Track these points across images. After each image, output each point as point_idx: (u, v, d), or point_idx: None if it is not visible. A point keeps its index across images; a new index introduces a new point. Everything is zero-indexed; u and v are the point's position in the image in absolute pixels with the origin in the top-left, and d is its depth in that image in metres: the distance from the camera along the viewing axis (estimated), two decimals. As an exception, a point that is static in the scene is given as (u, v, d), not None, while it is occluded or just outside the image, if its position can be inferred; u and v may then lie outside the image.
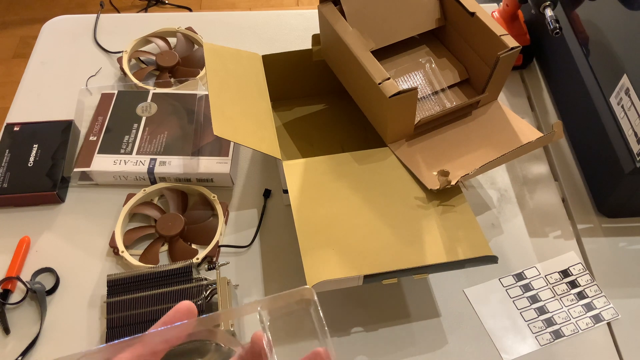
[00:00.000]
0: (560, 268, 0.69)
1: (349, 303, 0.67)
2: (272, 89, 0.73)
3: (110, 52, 0.93)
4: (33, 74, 0.91)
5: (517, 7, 0.85)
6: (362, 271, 0.56)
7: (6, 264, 0.69)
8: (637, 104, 0.65)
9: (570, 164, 0.80)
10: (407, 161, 0.66)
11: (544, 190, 0.77)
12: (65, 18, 1.00)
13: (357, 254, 0.58)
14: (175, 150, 0.76)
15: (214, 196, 0.73)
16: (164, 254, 0.70)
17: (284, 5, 2.26)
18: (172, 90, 0.84)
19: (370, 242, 0.59)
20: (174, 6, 2.21)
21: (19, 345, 0.63)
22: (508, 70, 0.68)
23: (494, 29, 0.65)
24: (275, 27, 0.98)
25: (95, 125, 0.79)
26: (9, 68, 2.03)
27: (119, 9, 2.16)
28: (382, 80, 0.61)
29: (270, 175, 0.79)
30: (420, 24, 0.72)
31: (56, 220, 0.74)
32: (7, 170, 0.75)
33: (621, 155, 0.67)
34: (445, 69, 0.73)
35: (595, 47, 0.76)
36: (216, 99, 0.64)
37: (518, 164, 0.80)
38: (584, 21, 0.79)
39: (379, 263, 0.57)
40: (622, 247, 0.71)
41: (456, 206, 0.62)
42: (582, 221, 0.74)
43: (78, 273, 0.69)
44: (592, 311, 0.66)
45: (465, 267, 0.58)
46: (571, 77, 0.79)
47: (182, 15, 1.04)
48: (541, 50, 0.89)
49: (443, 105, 0.71)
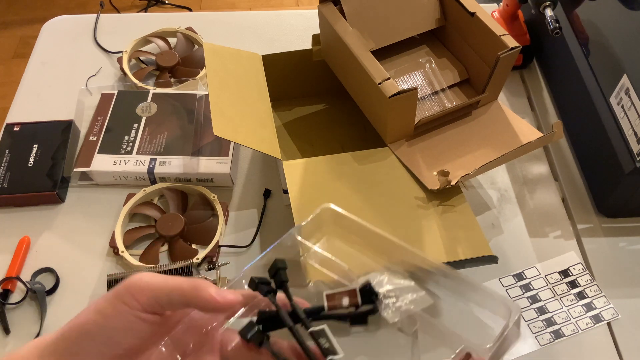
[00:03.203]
0: (560, 268, 0.69)
1: (349, 303, 0.67)
2: (272, 89, 0.73)
3: (110, 52, 0.93)
4: (33, 74, 0.91)
5: (517, 7, 0.85)
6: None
7: (6, 264, 0.69)
8: (637, 104, 0.65)
9: (570, 164, 0.80)
10: (407, 161, 0.66)
11: (544, 190, 0.77)
12: (65, 18, 1.00)
13: (357, 254, 0.58)
14: (175, 150, 0.76)
15: (214, 196, 0.73)
16: (164, 254, 0.70)
17: (284, 5, 2.26)
18: (172, 90, 0.84)
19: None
20: (174, 6, 2.21)
21: (19, 345, 0.63)
22: (508, 70, 0.68)
23: (494, 29, 0.65)
24: (275, 27, 0.98)
25: (95, 125, 0.79)
26: (9, 68, 2.03)
27: (119, 9, 2.16)
28: (382, 80, 0.61)
29: (270, 175, 0.79)
30: (420, 24, 0.72)
31: (56, 220, 0.74)
32: (7, 170, 0.75)
33: (621, 155, 0.67)
34: (445, 69, 0.73)
35: (595, 47, 0.76)
36: (216, 99, 0.64)
37: (518, 164, 0.80)
38: (584, 21, 0.79)
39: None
40: (622, 247, 0.71)
41: (456, 206, 0.62)
42: (582, 221, 0.74)
43: (78, 273, 0.69)
44: (592, 311, 0.66)
45: (466, 267, 0.58)
46: (571, 77, 0.79)
47: (182, 15, 1.04)
48: (541, 50, 0.89)
49: (443, 105, 0.71)
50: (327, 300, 0.40)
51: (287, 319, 0.39)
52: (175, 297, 0.37)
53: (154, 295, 0.37)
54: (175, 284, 0.37)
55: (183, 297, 0.37)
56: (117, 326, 0.36)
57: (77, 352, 0.36)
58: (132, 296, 0.36)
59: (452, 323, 0.40)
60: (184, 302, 0.37)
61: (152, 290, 0.37)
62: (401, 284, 0.42)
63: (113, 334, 0.36)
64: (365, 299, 0.40)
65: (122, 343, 0.37)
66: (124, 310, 0.36)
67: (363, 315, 0.40)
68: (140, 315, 0.37)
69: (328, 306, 0.40)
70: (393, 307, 0.41)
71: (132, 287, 0.37)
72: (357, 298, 0.40)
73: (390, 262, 0.44)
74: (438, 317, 0.41)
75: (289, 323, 0.38)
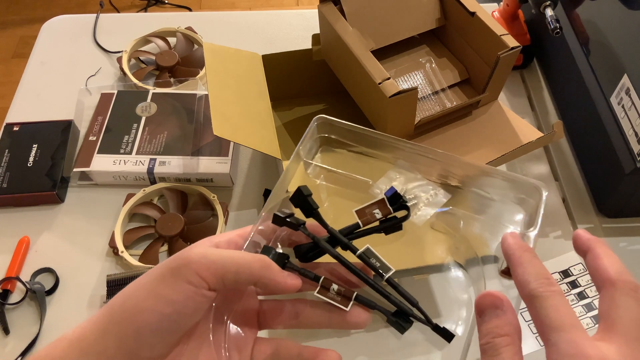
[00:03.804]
0: (561, 268, 0.69)
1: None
2: (272, 89, 0.73)
3: (109, 52, 0.93)
4: (32, 73, 0.91)
5: (517, 6, 0.85)
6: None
7: (6, 264, 0.69)
8: (637, 103, 0.65)
9: (570, 164, 0.80)
10: (407, 161, 0.66)
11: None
12: (65, 18, 1.00)
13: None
14: (175, 150, 0.76)
15: (214, 196, 0.73)
16: (163, 254, 0.70)
17: (284, 5, 2.26)
18: (171, 90, 0.84)
19: (370, 242, 0.59)
20: (174, 6, 2.21)
21: (18, 346, 0.63)
22: (508, 70, 0.68)
23: (494, 28, 0.65)
24: (275, 27, 0.98)
25: (94, 125, 0.79)
26: (8, 68, 2.03)
27: (119, 8, 2.15)
28: (382, 80, 0.61)
29: (270, 175, 0.79)
30: (421, 24, 0.72)
31: (56, 220, 0.74)
32: (7, 170, 0.75)
33: (622, 155, 0.67)
34: (445, 69, 0.73)
35: (596, 47, 0.75)
36: (216, 99, 0.64)
37: (518, 163, 0.80)
38: (584, 21, 0.79)
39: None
40: (622, 247, 0.71)
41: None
42: (582, 221, 0.74)
43: (78, 273, 0.69)
44: (593, 311, 0.66)
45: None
46: (571, 77, 0.79)
47: (181, 15, 1.04)
48: (541, 50, 0.89)
49: (443, 105, 0.71)
50: (358, 216, 0.39)
51: (328, 247, 0.37)
52: (243, 276, 0.33)
53: (222, 272, 0.33)
54: (242, 260, 0.34)
55: (251, 276, 0.34)
56: (185, 311, 0.32)
57: (138, 349, 0.31)
58: (197, 274, 0.32)
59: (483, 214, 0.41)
60: (251, 280, 0.34)
61: (219, 267, 0.33)
62: (416, 183, 0.41)
63: (180, 319, 0.32)
64: (395, 206, 0.39)
65: (187, 325, 0.33)
66: (190, 291, 0.32)
67: (397, 223, 0.40)
68: (206, 294, 0.32)
69: (362, 222, 0.39)
70: (419, 208, 0.41)
71: (196, 263, 0.32)
72: (387, 207, 0.39)
73: (397, 162, 0.43)
74: (474, 213, 0.41)
75: (332, 250, 0.37)
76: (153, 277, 0.32)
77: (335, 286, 0.37)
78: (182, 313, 0.32)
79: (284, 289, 0.35)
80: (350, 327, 0.38)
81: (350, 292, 0.37)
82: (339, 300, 0.37)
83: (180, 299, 0.32)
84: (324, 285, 0.37)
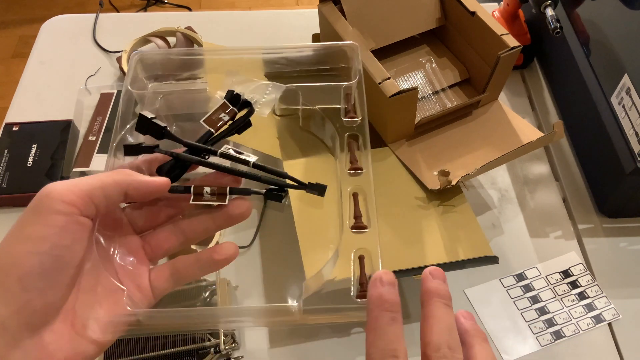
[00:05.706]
0: (561, 268, 0.69)
1: (349, 303, 0.66)
2: (272, 89, 0.73)
3: (109, 52, 0.93)
4: (32, 73, 0.91)
5: (517, 6, 0.85)
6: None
7: (5, 264, 0.69)
8: (638, 103, 0.65)
9: (571, 164, 0.80)
10: (407, 161, 0.66)
11: (544, 190, 0.77)
12: (65, 17, 1.00)
13: (358, 254, 0.58)
14: (175, 150, 0.76)
15: (214, 196, 0.73)
16: (163, 254, 0.70)
17: (284, 5, 2.26)
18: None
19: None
20: (174, 5, 2.21)
21: (17, 346, 0.63)
22: (509, 69, 0.68)
23: (494, 28, 0.65)
24: (275, 27, 0.98)
25: (94, 125, 0.79)
26: (7, 68, 2.03)
27: (119, 8, 2.15)
28: (383, 80, 0.61)
29: (270, 175, 0.78)
30: (421, 24, 0.72)
31: (55, 220, 0.73)
32: (6, 170, 0.75)
33: (622, 155, 0.67)
34: (445, 69, 0.73)
35: (596, 47, 0.75)
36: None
37: (519, 163, 0.80)
38: (584, 20, 0.79)
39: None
40: (623, 247, 0.71)
41: (456, 206, 0.62)
42: (583, 221, 0.74)
43: (77, 273, 0.69)
44: (593, 312, 0.65)
45: (466, 268, 0.58)
46: (572, 77, 0.79)
47: (181, 14, 1.04)
48: (542, 49, 0.89)
49: (443, 105, 0.71)
50: (207, 124, 0.41)
51: (189, 156, 0.39)
52: (110, 188, 0.33)
53: (88, 191, 0.32)
54: (103, 175, 0.33)
55: (118, 186, 0.33)
56: (63, 242, 0.30)
57: (28, 299, 0.29)
58: (63, 201, 0.30)
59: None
60: (120, 190, 0.33)
61: (83, 188, 0.31)
62: (251, 86, 0.46)
63: (61, 253, 0.30)
64: (236, 105, 0.42)
65: (72, 260, 0.31)
66: (61, 220, 0.30)
67: (246, 119, 0.42)
68: (80, 221, 0.31)
69: (213, 129, 0.41)
70: (260, 103, 0.44)
71: (57, 191, 0.31)
72: (230, 107, 0.41)
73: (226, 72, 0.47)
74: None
75: (194, 158, 0.39)
76: (19, 223, 0.30)
77: (207, 188, 0.39)
78: (61, 245, 0.30)
79: (155, 187, 0.36)
80: (236, 220, 0.39)
81: (223, 188, 0.39)
82: (215, 199, 0.38)
83: (52, 232, 0.30)
84: (196, 193, 0.38)
